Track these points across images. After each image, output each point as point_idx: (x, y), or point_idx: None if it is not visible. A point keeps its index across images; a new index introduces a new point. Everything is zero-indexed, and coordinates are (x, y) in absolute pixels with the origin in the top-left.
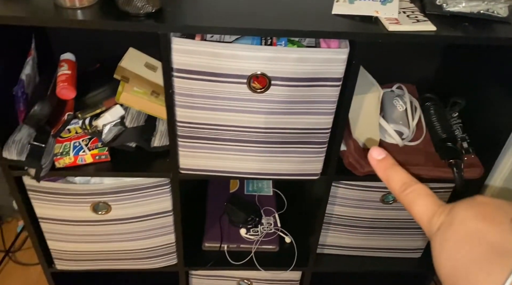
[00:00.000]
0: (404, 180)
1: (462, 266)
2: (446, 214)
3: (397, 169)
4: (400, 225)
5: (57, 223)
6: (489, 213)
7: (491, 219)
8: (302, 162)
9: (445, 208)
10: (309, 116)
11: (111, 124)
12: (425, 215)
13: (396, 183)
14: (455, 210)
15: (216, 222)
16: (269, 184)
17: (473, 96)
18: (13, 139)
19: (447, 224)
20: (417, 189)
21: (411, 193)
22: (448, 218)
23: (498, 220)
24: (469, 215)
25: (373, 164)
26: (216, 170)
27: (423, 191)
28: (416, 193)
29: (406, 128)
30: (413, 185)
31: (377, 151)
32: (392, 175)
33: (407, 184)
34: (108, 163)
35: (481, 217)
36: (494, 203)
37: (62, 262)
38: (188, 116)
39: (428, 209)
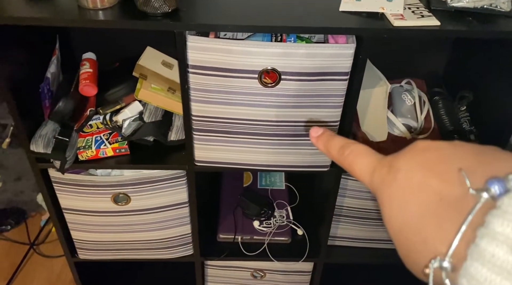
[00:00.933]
0: (341, 143)
1: (413, 220)
2: (388, 167)
3: (334, 137)
4: None
5: (80, 213)
6: (433, 162)
7: (436, 168)
8: (312, 154)
9: (385, 161)
10: (318, 110)
11: (130, 120)
12: (366, 172)
13: (334, 148)
14: (397, 161)
15: (230, 215)
16: (281, 178)
17: (480, 90)
18: (40, 134)
19: (391, 178)
20: (355, 149)
21: (349, 154)
22: (392, 171)
23: (443, 169)
24: (413, 165)
25: (314, 142)
26: (229, 162)
27: (360, 149)
28: (354, 153)
29: (414, 122)
30: (350, 146)
31: (315, 129)
32: (330, 143)
33: (344, 146)
34: (128, 156)
35: (426, 167)
36: (437, 148)
37: (84, 252)
38: (203, 111)
39: (367, 165)
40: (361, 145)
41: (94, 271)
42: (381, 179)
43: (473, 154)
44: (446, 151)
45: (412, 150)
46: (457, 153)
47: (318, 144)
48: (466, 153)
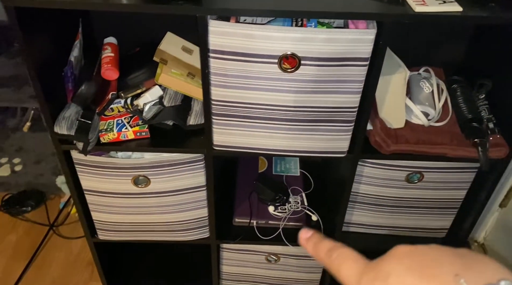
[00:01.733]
0: (329, 247)
1: None
2: (375, 272)
3: (323, 240)
4: (424, 205)
5: (101, 195)
6: (422, 265)
7: (427, 272)
8: (329, 139)
9: (372, 265)
10: (337, 95)
11: (150, 104)
12: (353, 276)
13: (322, 251)
14: (384, 266)
15: (245, 200)
16: (296, 164)
17: (500, 78)
18: (63, 116)
19: (381, 283)
20: (342, 252)
21: (336, 258)
22: (381, 277)
23: (435, 273)
24: (402, 270)
25: (303, 243)
26: (247, 146)
27: (347, 253)
28: (341, 256)
29: (432, 110)
30: (337, 249)
31: (305, 231)
32: (318, 246)
33: (332, 249)
34: (148, 140)
35: (417, 271)
36: (421, 252)
37: (104, 233)
38: (222, 95)
39: (354, 270)
40: (349, 249)
41: (112, 252)
42: (370, 282)
43: (456, 257)
44: (430, 255)
45: (396, 255)
46: (441, 256)
47: (308, 245)
48: (449, 256)
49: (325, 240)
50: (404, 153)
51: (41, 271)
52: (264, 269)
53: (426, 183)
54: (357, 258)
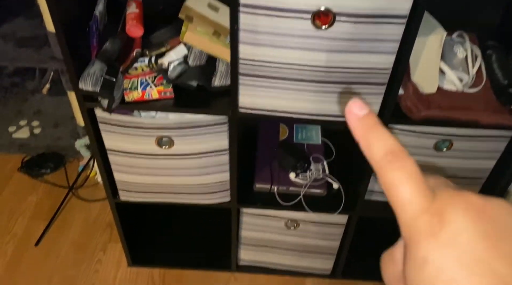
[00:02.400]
0: (392, 147)
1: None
2: (440, 218)
3: (383, 131)
4: (451, 174)
5: (124, 155)
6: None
7: (501, 247)
8: None
9: (438, 205)
10: (372, 56)
11: (175, 63)
12: (411, 206)
13: (380, 148)
14: (454, 216)
15: (266, 166)
16: (318, 133)
17: None
18: (88, 72)
19: (447, 238)
20: (408, 165)
21: (399, 168)
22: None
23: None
24: (477, 233)
25: (352, 120)
26: (274, 109)
27: (414, 170)
28: (406, 170)
29: (465, 75)
30: (404, 158)
31: (359, 105)
32: (375, 137)
33: (395, 154)
34: (172, 100)
35: (491, 242)
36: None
37: (126, 193)
38: (251, 54)
39: (416, 199)
40: (414, 163)
41: (133, 215)
42: (431, 231)
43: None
44: (505, 218)
45: (469, 208)
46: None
47: (359, 125)
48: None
49: (385, 131)
50: (435, 119)
51: (61, 232)
52: (283, 235)
53: (455, 152)
54: (424, 185)
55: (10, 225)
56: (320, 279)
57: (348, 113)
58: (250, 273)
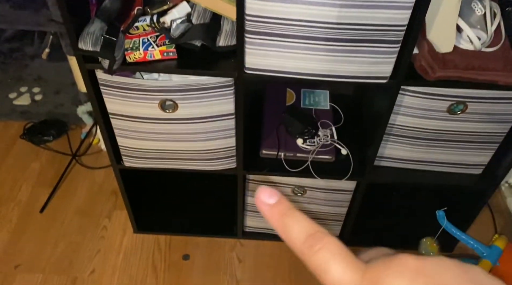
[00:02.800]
0: (309, 230)
1: None
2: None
3: (297, 215)
4: (464, 138)
5: (127, 119)
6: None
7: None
8: (372, 63)
9: (371, 275)
10: (386, 11)
11: (178, 21)
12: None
13: (299, 234)
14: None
15: (273, 131)
16: (326, 97)
17: None
18: (87, 31)
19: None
20: (330, 244)
21: (321, 250)
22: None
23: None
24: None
25: (264, 210)
26: (282, 70)
27: (337, 247)
28: (329, 250)
29: (484, 33)
30: (323, 239)
31: (267, 193)
32: (291, 223)
33: (315, 236)
34: (175, 61)
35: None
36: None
37: (129, 159)
38: (258, 9)
39: (347, 276)
40: (336, 240)
41: (137, 181)
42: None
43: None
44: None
45: (403, 270)
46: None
47: (272, 215)
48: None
49: (300, 215)
50: (450, 79)
51: (66, 199)
52: (290, 201)
53: (469, 115)
54: (350, 257)
55: (14, 192)
56: None
57: (259, 203)
58: (255, 239)
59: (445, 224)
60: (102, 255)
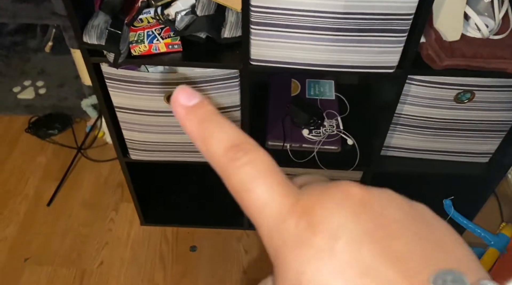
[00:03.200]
0: (234, 140)
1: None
2: (311, 217)
3: (221, 121)
4: (471, 127)
5: (133, 112)
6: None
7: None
8: (378, 52)
9: (306, 201)
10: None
11: (182, 13)
12: (270, 210)
13: (220, 143)
14: (329, 212)
15: (278, 122)
16: (331, 87)
17: None
18: (92, 25)
19: (324, 245)
20: (256, 159)
21: (247, 164)
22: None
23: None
24: (358, 235)
25: (180, 113)
26: (288, 61)
27: (265, 164)
28: (257, 165)
29: (491, 21)
30: (250, 152)
31: (186, 93)
32: (212, 130)
33: (241, 147)
34: (180, 53)
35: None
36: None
37: (136, 152)
38: (264, 0)
39: (275, 200)
40: (268, 156)
41: (144, 174)
42: (300, 239)
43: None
44: (390, 212)
45: (346, 199)
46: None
47: (190, 120)
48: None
49: (225, 121)
50: (458, 68)
51: (72, 192)
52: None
53: (476, 103)
54: (282, 178)
55: (21, 186)
56: None
57: (175, 106)
58: None
59: (452, 213)
60: (110, 247)
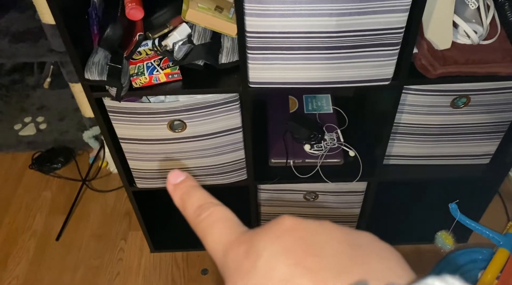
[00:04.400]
0: (200, 202)
1: None
2: (246, 246)
3: (195, 191)
4: (469, 130)
5: (137, 142)
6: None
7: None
8: (373, 66)
9: (245, 237)
10: (383, 16)
11: (180, 43)
12: (219, 246)
13: (191, 206)
14: (259, 242)
15: (279, 140)
16: (328, 101)
17: None
18: (92, 61)
19: (249, 264)
20: (215, 212)
21: (206, 218)
22: (251, 255)
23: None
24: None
25: (171, 190)
26: (285, 81)
27: (221, 214)
28: (212, 217)
29: (479, 27)
30: (210, 208)
31: (175, 174)
32: (187, 198)
33: (203, 207)
34: (180, 82)
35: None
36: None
37: (142, 181)
38: (258, 26)
39: (223, 238)
40: (224, 209)
41: (150, 201)
42: (237, 263)
43: (348, 247)
44: (318, 237)
45: (277, 229)
46: (330, 242)
47: (175, 194)
48: (340, 243)
49: (198, 190)
50: (452, 75)
51: (80, 224)
52: (302, 207)
53: (472, 107)
54: (232, 223)
55: (29, 222)
56: None
57: (167, 184)
58: None
59: (459, 216)
60: (122, 277)
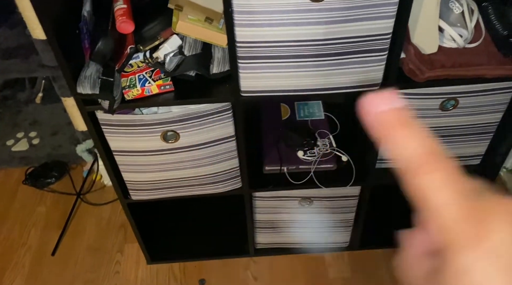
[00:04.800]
0: (432, 148)
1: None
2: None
3: (417, 128)
4: (459, 132)
5: (131, 154)
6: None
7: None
8: (362, 72)
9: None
10: (370, 22)
11: (171, 55)
12: (449, 211)
13: (417, 148)
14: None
15: (273, 147)
16: (320, 108)
17: None
18: (85, 75)
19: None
20: (442, 168)
21: (438, 170)
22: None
23: None
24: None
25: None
26: (276, 89)
27: (449, 173)
28: (440, 175)
29: (464, 31)
30: (444, 160)
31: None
32: (409, 136)
33: (435, 155)
34: (173, 93)
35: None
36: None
37: (136, 193)
38: (248, 36)
39: (455, 205)
40: (451, 164)
41: (144, 212)
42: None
43: None
44: None
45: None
46: None
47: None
48: None
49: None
50: (439, 78)
51: (76, 238)
52: (297, 214)
53: (461, 109)
54: (458, 186)
55: (23, 238)
56: (339, 252)
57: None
58: (268, 255)
59: None
60: None
